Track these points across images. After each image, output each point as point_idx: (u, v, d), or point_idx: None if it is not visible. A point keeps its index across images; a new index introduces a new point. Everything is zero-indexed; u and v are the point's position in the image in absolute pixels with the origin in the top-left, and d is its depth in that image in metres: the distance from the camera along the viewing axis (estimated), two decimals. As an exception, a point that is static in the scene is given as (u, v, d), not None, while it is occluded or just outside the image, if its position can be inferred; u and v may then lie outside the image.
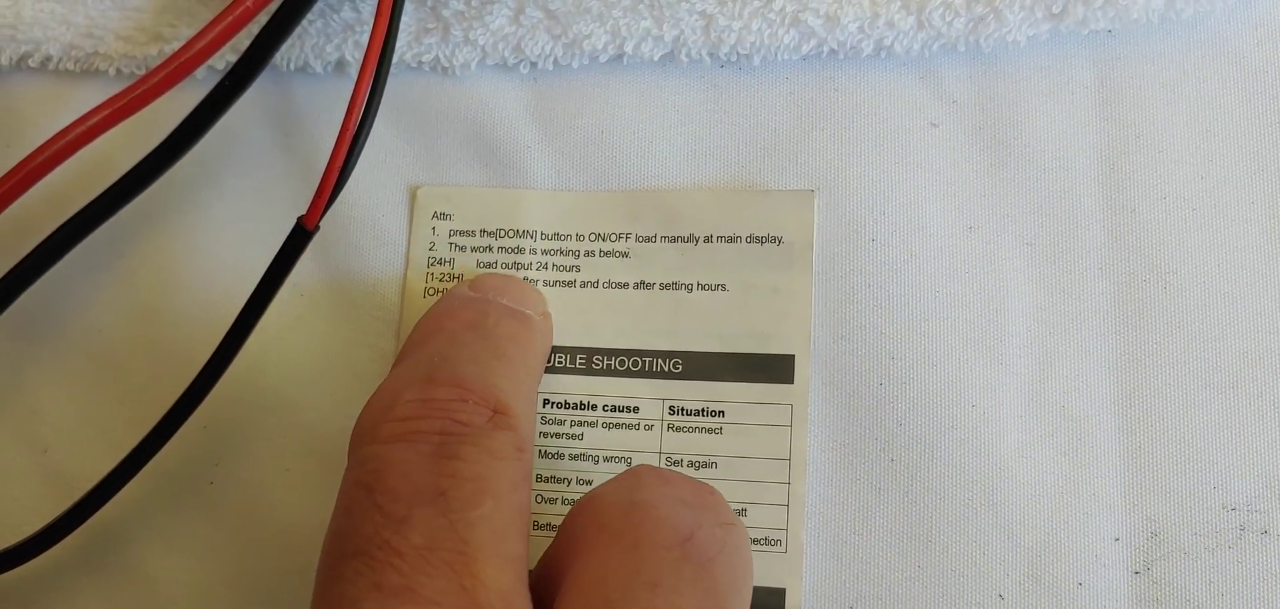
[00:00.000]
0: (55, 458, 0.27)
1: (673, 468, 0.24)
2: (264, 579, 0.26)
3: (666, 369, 0.25)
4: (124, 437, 0.26)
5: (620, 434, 0.24)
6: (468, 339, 0.22)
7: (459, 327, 0.22)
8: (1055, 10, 0.25)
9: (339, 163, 0.24)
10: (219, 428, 0.26)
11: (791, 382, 0.24)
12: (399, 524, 0.18)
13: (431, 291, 0.26)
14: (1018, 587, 0.23)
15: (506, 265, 0.26)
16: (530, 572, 0.20)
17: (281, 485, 0.26)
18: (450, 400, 0.20)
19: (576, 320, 0.25)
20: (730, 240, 0.25)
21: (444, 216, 0.26)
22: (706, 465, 0.24)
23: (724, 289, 0.25)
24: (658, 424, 0.24)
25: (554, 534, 0.20)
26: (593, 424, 0.25)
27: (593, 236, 0.25)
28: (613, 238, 0.25)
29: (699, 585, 0.18)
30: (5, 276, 0.25)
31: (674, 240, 0.25)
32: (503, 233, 0.26)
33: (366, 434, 0.20)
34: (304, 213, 0.24)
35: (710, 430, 0.24)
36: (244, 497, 0.26)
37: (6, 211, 0.25)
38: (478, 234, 0.26)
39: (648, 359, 0.25)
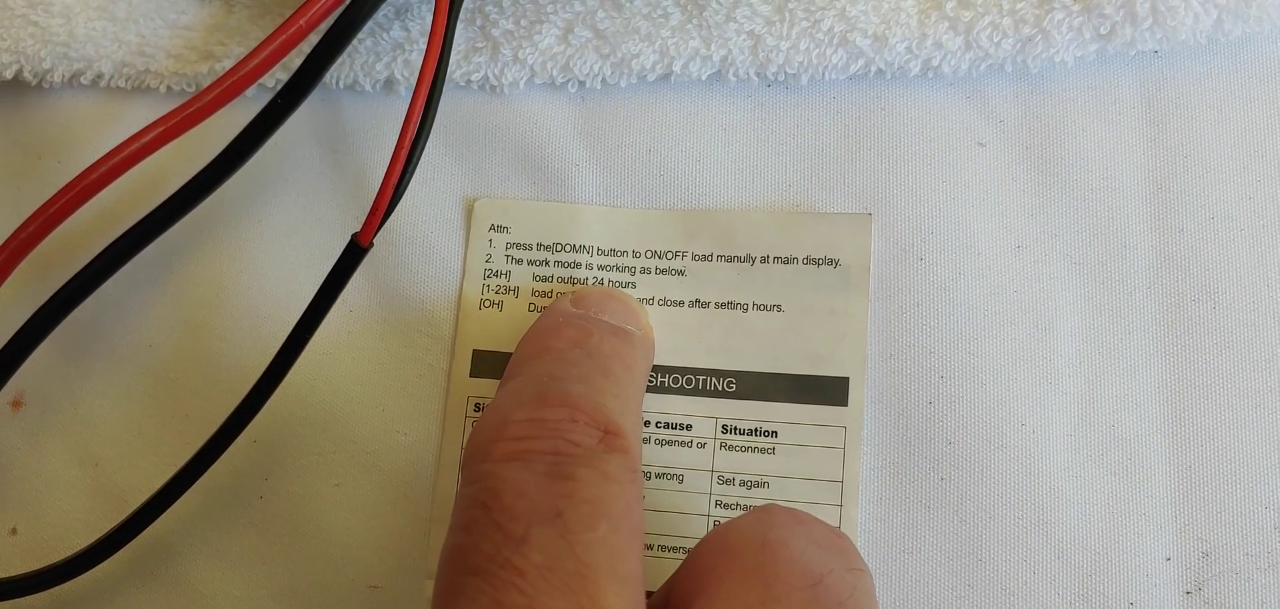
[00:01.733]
0: (107, 471, 0.27)
1: (724, 487, 0.24)
2: (313, 593, 0.26)
3: (720, 388, 0.24)
4: (175, 451, 0.26)
5: (672, 451, 0.24)
6: (575, 358, 0.22)
7: (565, 345, 0.22)
8: (1103, 31, 0.24)
9: (394, 179, 0.24)
10: (269, 443, 0.26)
11: (846, 404, 0.24)
12: (518, 543, 0.18)
13: (488, 303, 0.26)
14: (1068, 606, 0.23)
15: (563, 280, 0.25)
16: (652, 595, 0.20)
17: (331, 500, 0.26)
18: (562, 421, 0.20)
19: None
20: (787, 261, 0.25)
21: (501, 229, 0.26)
22: (759, 485, 0.24)
23: (780, 310, 0.24)
24: (710, 443, 0.24)
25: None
26: (645, 440, 0.24)
27: (649, 253, 0.25)
28: (669, 255, 0.25)
29: None
30: (59, 292, 0.25)
31: (730, 260, 0.25)
32: (559, 247, 0.26)
33: (480, 453, 0.20)
34: (357, 229, 0.24)
35: (763, 450, 0.24)
36: (293, 511, 0.26)
37: (60, 228, 0.25)
38: (534, 247, 0.26)
39: (702, 377, 0.24)
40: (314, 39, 0.25)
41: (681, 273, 0.25)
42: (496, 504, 0.19)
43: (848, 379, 0.24)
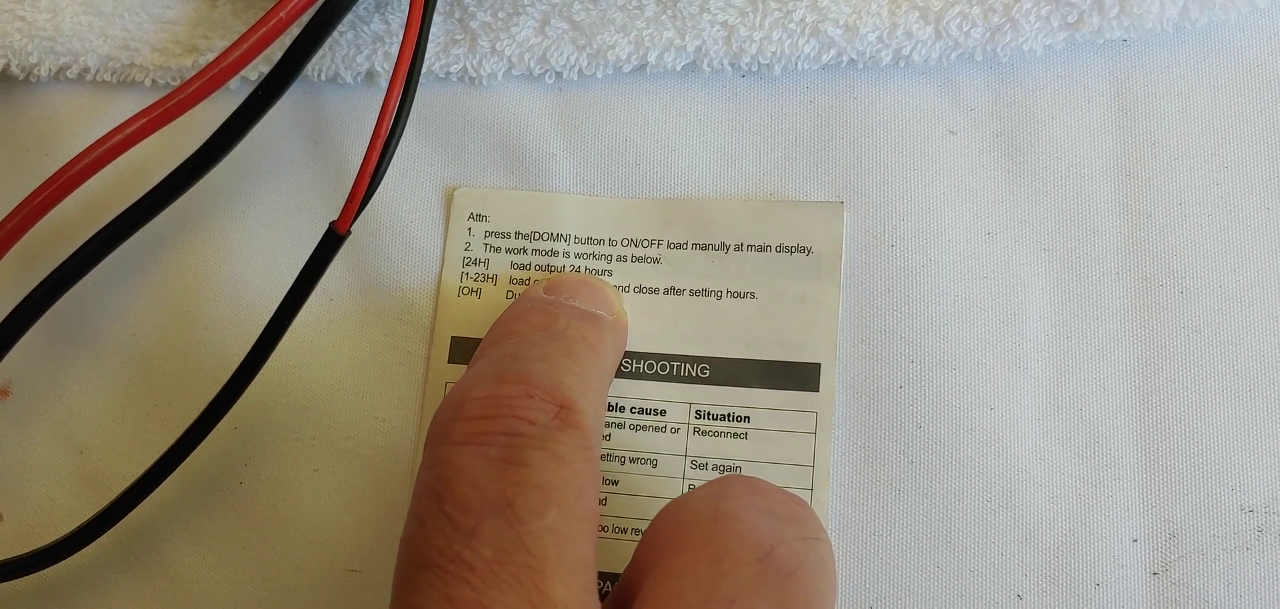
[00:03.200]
0: (91, 459, 0.27)
1: (698, 472, 0.24)
2: (292, 577, 0.26)
3: (694, 374, 0.24)
4: (158, 437, 0.26)
5: (647, 436, 0.24)
6: (538, 340, 0.22)
7: (530, 328, 0.22)
8: (1071, 20, 0.24)
9: (371, 168, 0.24)
10: (250, 429, 0.26)
11: (817, 390, 0.24)
12: (469, 537, 0.18)
13: (467, 291, 0.26)
14: (1036, 587, 0.23)
15: (540, 267, 0.25)
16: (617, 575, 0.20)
17: (310, 486, 0.26)
18: (516, 397, 0.20)
19: None
20: (760, 249, 0.25)
21: (480, 218, 0.26)
22: (732, 469, 0.24)
23: (753, 297, 0.24)
24: (684, 427, 0.24)
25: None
26: (620, 426, 0.24)
27: (625, 242, 0.25)
28: (645, 243, 0.25)
29: (777, 601, 0.18)
30: (44, 282, 0.25)
31: (705, 248, 0.25)
32: (537, 235, 0.26)
33: (438, 434, 0.20)
34: (335, 218, 0.24)
35: (736, 435, 0.24)
36: (273, 496, 0.26)
37: (45, 218, 0.25)
38: (513, 236, 0.26)
39: (676, 363, 0.24)
40: (295, 31, 0.25)
41: (657, 260, 0.25)
42: (449, 494, 0.19)
43: (819, 365, 0.24)
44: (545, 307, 0.23)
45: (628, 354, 0.25)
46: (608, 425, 0.24)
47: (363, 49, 0.27)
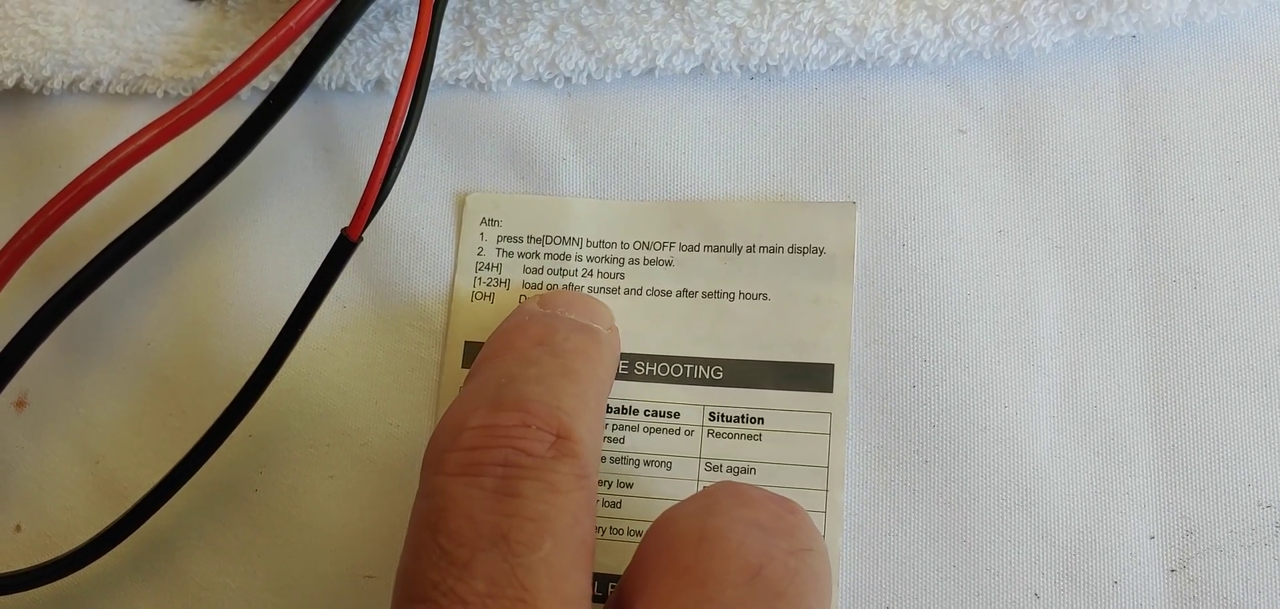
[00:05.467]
0: (108, 468, 0.26)
1: (712, 473, 0.23)
2: (308, 584, 0.25)
3: (707, 376, 0.24)
4: (173, 446, 0.26)
5: (661, 439, 0.24)
6: (536, 356, 0.21)
7: (528, 344, 0.22)
8: (1079, 16, 0.24)
9: (381, 175, 0.23)
10: (264, 437, 0.26)
11: (831, 391, 0.23)
12: (462, 570, 0.18)
13: (480, 296, 0.25)
14: (1053, 586, 0.22)
15: (553, 271, 0.25)
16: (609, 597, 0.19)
17: (325, 492, 0.25)
18: (513, 427, 0.19)
19: (619, 326, 0.24)
20: (772, 251, 0.24)
21: (492, 223, 0.25)
22: (745, 471, 0.23)
23: (765, 298, 0.24)
24: (698, 430, 0.24)
25: (598, 537, 0.20)
26: (634, 428, 0.24)
27: (637, 245, 0.25)
28: (657, 246, 0.25)
29: None
30: (59, 292, 0.25)
31: (717, 250, 0.24)
32: (549, 239, 0.25)
33: (434, 463, 0.20)
34: (347, 225, 0.24)
35: (750, 437, 0.23)
36: (288, 504, 0.25)
37: (60, 229, 0.25)
38: (525, 240, 0.25)
39: (689, 366, 0.24)
40: (305, 41, 0.25)
41: (669, 263, 0.25)
42: (443, 527, 0.18)
43: (833, 366, 0.23)
44: (543, 320, 0.23)
45: (641, 357, 0.24)
46: (621, 428, 0.24)
47: (372, 57, 0.26)
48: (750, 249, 0.24)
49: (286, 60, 0.26)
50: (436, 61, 0.26)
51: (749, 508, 0.19)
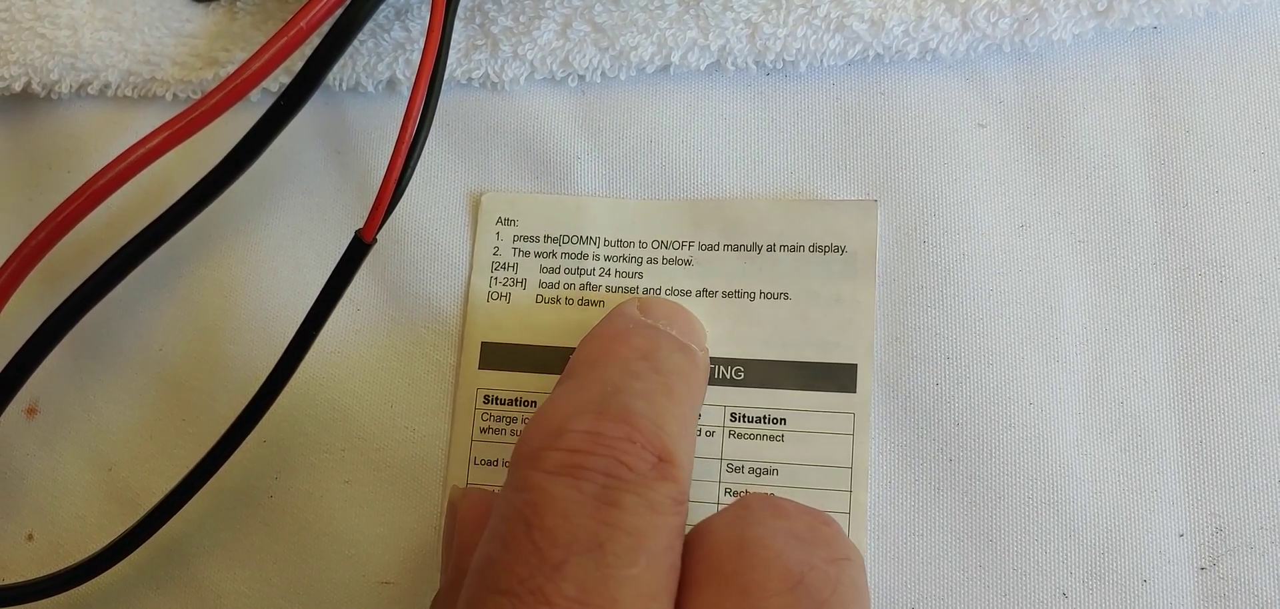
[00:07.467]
0: (121, 475, 0.26)
1: (733, 475, 0.23)
2: (325, 591, 0.24)
3: (728, 376, 0.23)
4: (186, 452, 0.25)
5: (680, 440, 0.23)
6: (641, 371, 0.20)
7: (632, 355, 0.21)
8: (1100, 7, 0.23)
9: (395, 176, 0.23)
10: (279, 442, 0.25)
11: (854, 391, 0.22)
12: (553, 571, 0.17)
13: (496, 296, 0.25)
14: (1082, 585, 0.22)
15: (570, 271, 0.24)
16: None
17: (341, 497, 0.25)
18: (619, 439, 0.18)
19: None
20: (793, 250, 0.23)
21: (509, 222, 0.25)
22: (768, 473, 0.23)
23: (787, 298, 0.23)
24: (719, 431, 0.23)
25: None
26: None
27: (655, 244, 0.24)
28: (675, 245, 0.24)
29: None
30: (70, 299, 0.24)
31: (737, 249, 0.24)
32: (566, 239, 0.24)
33: (530, 457, 0.19)
34: (360, 227, 0.23)
35: (772, 438, 0.23)
36: (304, 509, 0.25)
37: (70, 234, 0.24)
38: (541, 240, 0.24)
39: (710, 366, 0.23)
40: (315, 41, 0.24)
41: (689, 262, 0.24)
42: (538, 523, 0.17)
43: (856, 365, 0.23)
44: (648, 332, 0.21)
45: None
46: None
47: (384, 57, 0.26)
48: (770, 248, 0.24)
49: (296, 61, 0.25)
50: (449, 61, 0.25)
51: (785, 518, 0.18)
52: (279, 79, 0.26)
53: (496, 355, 0.24)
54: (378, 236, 0.23)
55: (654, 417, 0.19)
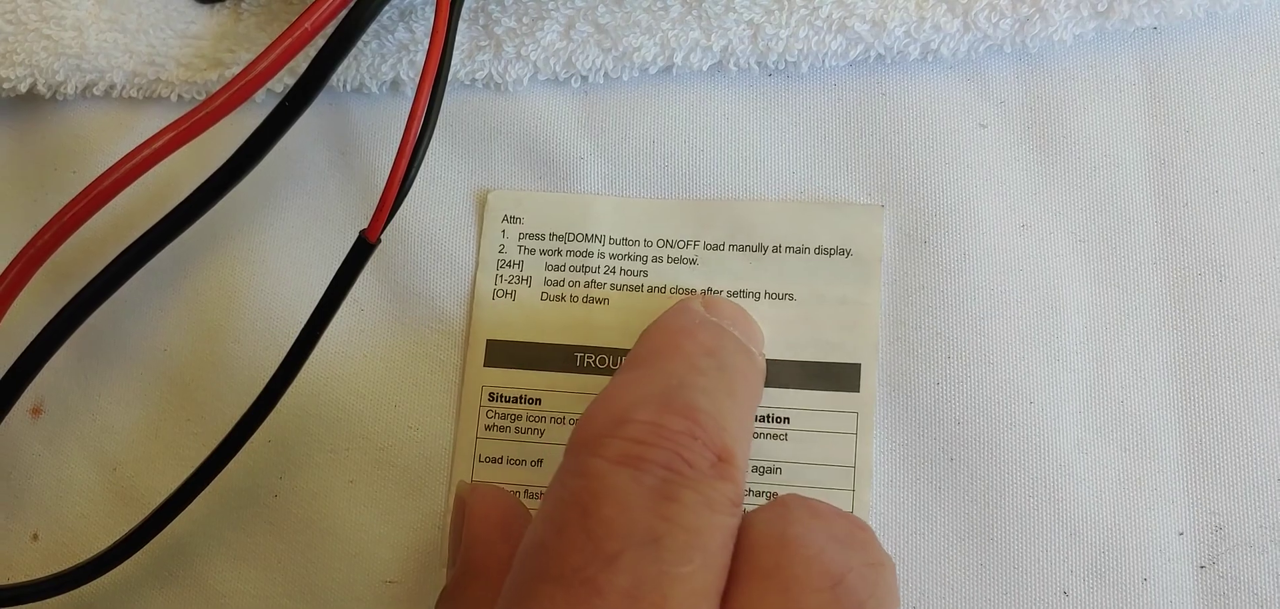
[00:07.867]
0: (125, 475, 0.26)
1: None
2: (329, 590, 0.24)
3: None
4: (191, 452, 0.25)
5: (683, 439, 0.23)
6: (706, 368, 0.20)
7: (698, 351, 0.20)
8: (1100, 8, 0.23)
9: (399, 176, 0.23)
10: (283, 442, 0.25)
11: (858, 390, 0.23)
12: (607, 562, 0.16)
13: (501, 293, 0.25)
14: (1082, 583, 0.22)
15: (575, 269, 0.24)
16: None
17: (345, 497, 0.25)
18: (681, 434, 0.18)
19: (644, 326, 0.24)
20: (799, 251, 0.23)
21: (514, 220, 0.25)
22: (772, 471, 0.23)
23: (792, 298, 0.23)
24: (722, 429, 0.23)
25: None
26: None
27: (661, 242, 0.24)
28: (680, 245, 0.24)
29: None
30: (75, 299, 0.24)
31: (742, 249, 0.24)
32: (572, 237, 0.24)
33: (591, 444, 0.18)
34: (365, 227, 0.23)
35: (775, 437, 0.23)
36: (308, 509, 0.25)
37: (75, 235, 0.24)
38: (547, 238, 0.25)
39: None
40: (319, 42, 0.24)
41: (693, 262, 0.24)
42: (596, 512, 0.17)
43: (860, 365, 0.23)
44: (713, 330, 0.21)
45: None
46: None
47: (388, 58, 0.26)
48: (776, 249, 0.24)
49: (301, 63, 0.25)
50: (452, 62, 0.25)
51: (823, 520, 0.18)
52: (284, 80, 0.26)
53: (502, 352, 0.24)
54: (382, 237, 0.23)
55: (717, 415, 0.19)
